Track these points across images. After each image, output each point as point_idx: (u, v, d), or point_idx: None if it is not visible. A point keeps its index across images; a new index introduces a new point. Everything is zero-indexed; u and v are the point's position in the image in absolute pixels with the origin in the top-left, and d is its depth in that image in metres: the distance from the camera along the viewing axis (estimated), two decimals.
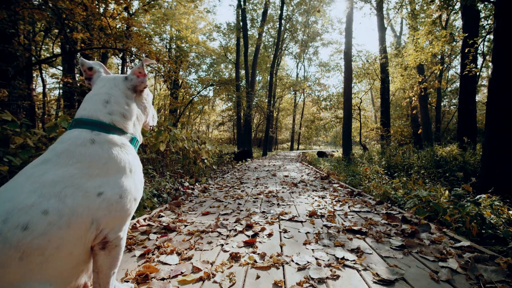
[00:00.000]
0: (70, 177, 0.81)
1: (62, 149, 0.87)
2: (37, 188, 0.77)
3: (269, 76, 22.57)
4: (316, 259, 1.52)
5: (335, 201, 3.22)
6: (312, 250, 1.67)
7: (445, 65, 12.99)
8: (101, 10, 6.04)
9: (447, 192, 2.97)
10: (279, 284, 1.25)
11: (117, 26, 6.53)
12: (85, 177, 0.83)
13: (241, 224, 2.19)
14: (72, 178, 0.81)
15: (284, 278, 1.31)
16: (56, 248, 0.75)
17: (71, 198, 0.78)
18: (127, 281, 1.26)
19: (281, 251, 1.65)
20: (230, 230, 2.04)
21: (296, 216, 2.49)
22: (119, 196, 0.86)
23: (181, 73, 19.19)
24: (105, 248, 0.87)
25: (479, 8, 8.24)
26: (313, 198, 3.43)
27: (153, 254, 1.58)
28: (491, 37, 11.48)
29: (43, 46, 10.29)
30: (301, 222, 2.32)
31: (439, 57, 13.74)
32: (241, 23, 17.78)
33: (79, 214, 0.78)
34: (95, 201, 0.81)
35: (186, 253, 1.59)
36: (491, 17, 8.76)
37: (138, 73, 1.04)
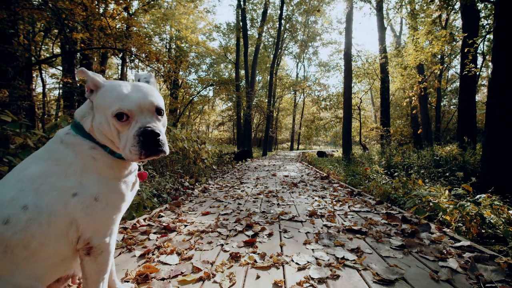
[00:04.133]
0: (43, 173, 0.81)
1: (47, 144, 0.89)
2: (17, 182, 0.78)
3: (269, 76, 22.59)
4: (316, 259, 1.52)
5: (335, 201, 3.22)
6: (312, 250, 1.67)
7: (445, 65, 12.98)
8: (101, 10, 6.04)
9: (447, 191, 2.97)
10: (279, 284, 1.25)
11: (117, 26, 6.53)
12: (57, 176, 0.81)
13: (241, 224, 2.19)
14: (46, 175, 0.80)
15: (284, 278, 1.31)
16: (40, 244, 0.75)
17: (47, 196, 0.78)
18: (127, 281, 1.26)
19: (281, 251, 1.65)
20: (230, 230, 2.04)
21: (296, 216, 2.49)
22: (94, 199, 0.83)
23: (181, 73, 19.19)
24: (90, 254, 0.84)
25: (479, 8, 8.23)
26: (313, 198, 3.43)
27: (153, 254, 1.58)
28: (491, 37, 11.48)
29: (43, 46, 10.29)
30: (301, 222, 2.32)
31: (439, 56, 13.74)
32: (241, 23, 17.78)
33: (57, 213, 0.78)
34: (70, 201, 0.80)
35: (186, 253, 1.59)
36: (491, 17, 8.76)
37: None
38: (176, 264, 1.46)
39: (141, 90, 0.88)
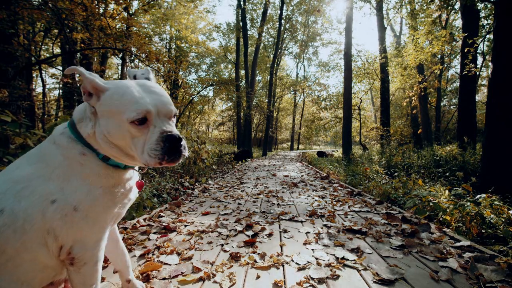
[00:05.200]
0: (28, 176, 0.77)
1: (43, 143, 0.86)
2: (4, 182, 0.76)
3: (269, 76, 22.60)
4: (316, 259, 1.52)
5: (335, 201, 3.22)
6: (312, 250, 1.67)
7: (445, 65, 12.99)
8: (101, 10, 6.04)
9: (447, 191, 2.97)
10: (279, 284, 1.25)
11: (117, 26, 6.53)
12: (41, 179, 0.77)
13: (241, 224, 2.19)
14: (30, 178, 0.77)
15: (284, 278, 1.32)
16: (16, 250, 0.72)
17: (26, 201, 0.74)
18: None
19: (281, 251, 1.65)
20: (230, 230, 2.04)
21: (296, 216, 2.49)
22: (73, 208, 0.77)
23: (181, 73, 19.19)
24: (73, 265, 0.81)
25: (479, 8, 8.24)
26: (313, 198, 3.43)
27: (153, 254, 1.58)
28: (491, 36, 11.48)
29: (43, 46, 10.29)
30: (301, 222, 2.32)
31: (439, 56, 13.75)
32: (240, 23, 17.78)
33: (33, 220, 0.73)
34: (48, 208, 0.75)
35: (186, 253, 1.59)
36: (491, 16, 8.76)
37: None
38: (176, 264, 1.46)
39: (155, 91, 0.85)
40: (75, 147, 0.82)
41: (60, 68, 10.85)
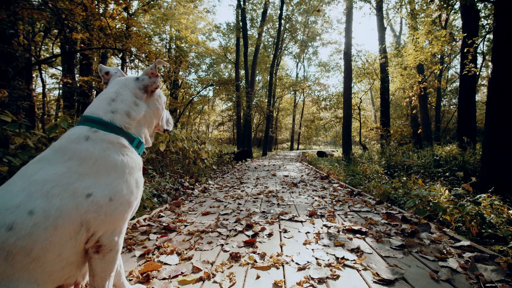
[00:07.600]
0: (59, 175, 0.79)
1: (58, 145, 0.87)
2: (26, 187, 0.76)
3: (269, 76, 22.59)
4: (316, 259, 1.52)
5: (335, 201, 3.22)
6: (312, 250, 1.67)
7: (445, 65, 13.01)
8: (101, 10, 6.04)
9: (447, 191, 2.97)
10: (279, 284, 1.25)
11: (117, 26, 6.53)
12: (74, 176, 0.81)
13: (241, 224, 2.19)
14: (61, 177, 0.79)
15: (284, 278, 1.32)
16: (43, 249, 0.73)
17: (58, 198, 0.76)
18: (130, 279, 1.26)
19: (281, 251, 1.65)
20: (230, 230, 2.04)
21: (296, 216, 2.49)
22: (109, 199, 0.83)
23: (180, 73, 19.17)
24: (99, 252, 0.85)
25: (479, 8, 8.24)
26: (313, 198, 3.43)
27: (153, 254, 1.58)
28: (491, 36, 11.47)
29: (42, 46, 10.29)
30: (301, 222, 2.32)
31: (439, 56, 13.76)
32: (240, 23, 17.78)
33: (67, 216, 0.76)
34: (83, 202, 0.79)
35: (186, 253, 1.59)
36: (490, 16, 8.77)
37: (150, 74, 1.06)
38: (176, 264, 1.46)
39: None
40: (118, 138, 0.93)
41: (60, 68, 10.86)
